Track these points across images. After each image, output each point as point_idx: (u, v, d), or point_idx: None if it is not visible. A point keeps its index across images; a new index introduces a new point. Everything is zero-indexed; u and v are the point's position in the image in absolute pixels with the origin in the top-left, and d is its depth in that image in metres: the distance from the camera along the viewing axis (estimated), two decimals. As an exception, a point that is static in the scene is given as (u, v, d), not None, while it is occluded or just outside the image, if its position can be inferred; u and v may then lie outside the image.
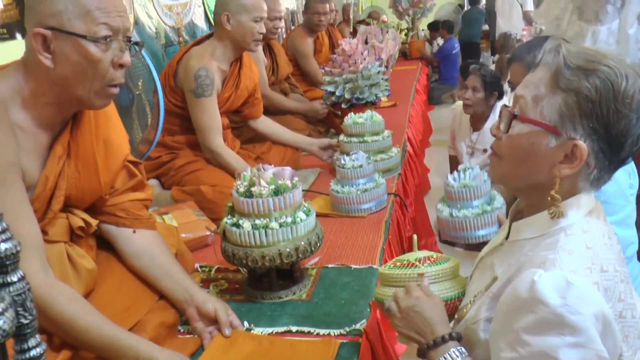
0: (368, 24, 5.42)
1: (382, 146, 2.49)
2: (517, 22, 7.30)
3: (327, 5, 4.08)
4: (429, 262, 1.23)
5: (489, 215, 1.69)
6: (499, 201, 1.74)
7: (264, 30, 2.31)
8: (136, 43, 1.27)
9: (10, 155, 1.14)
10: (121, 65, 1.22)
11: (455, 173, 1.77)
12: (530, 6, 7.23)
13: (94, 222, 1.36)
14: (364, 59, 3.09)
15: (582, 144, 0.92)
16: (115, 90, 1.25)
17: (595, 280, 0.91)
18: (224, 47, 2.30)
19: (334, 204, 2.14)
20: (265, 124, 2.65)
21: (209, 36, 2.39)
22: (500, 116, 1.03)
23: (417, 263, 1.23)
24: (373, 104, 3.11)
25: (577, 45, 0.98)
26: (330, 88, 3.11)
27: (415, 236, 1.38)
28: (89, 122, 1.32)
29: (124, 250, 1.42)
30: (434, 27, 7.98)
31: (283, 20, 4.95)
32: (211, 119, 2.25)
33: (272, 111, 3.22)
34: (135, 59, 1.28)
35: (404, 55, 6.78)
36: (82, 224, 1.32)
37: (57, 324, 1.15)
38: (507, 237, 1.10)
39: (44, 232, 1.25)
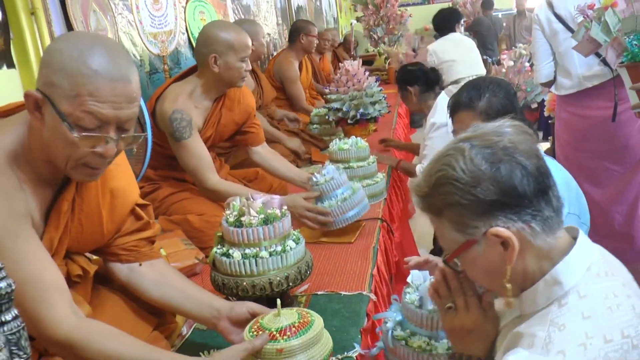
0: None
1: (367, 172, 2.52)
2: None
3: (316, 28, 4.24)
4: (289, 333, 1.19)
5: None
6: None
7: (250, 68, 2.24)
8: (138, 134, 1.19)
9: (21, 207, 1.12)
10: (102, 155, 1.14)
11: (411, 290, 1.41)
12: None
13: (92, 269, 1.34)
14: (367, 78, 3.42)
15: (495, 229, 0.91)
16: (98, 171, 1.19)
17: (592, 358, 0.84)
18: (207, 86, 2.23)
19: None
20: (261, 154, 2.48)
21: (191, 70, 2.32)
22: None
23: (278, 335, 1.19)
24: (375, 120, 3.43)
25: (422, 170, 1.03)
26: (336, 105, 3.39)
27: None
28: None
29: (139, 284, 1.39)
30: None
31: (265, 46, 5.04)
32: (199, 160, 2.16)
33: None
34: (127, 148, 1.20)
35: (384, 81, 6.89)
36: (80, 272, 1.30)
37: None
38: None
39: None
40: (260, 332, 1.21)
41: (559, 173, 1.49)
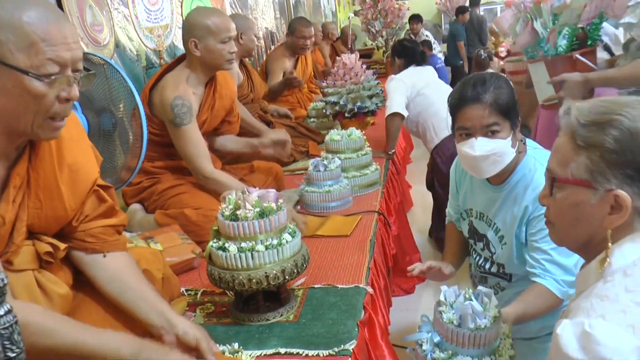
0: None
1: (356, 163, 2.57)
2: None
3: (312, 29, 4.18)
4: None
5: None
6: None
7: (235, 49, 2.27)
8: (89, 72, 1.19)
9: None
10: (68, 100, 1.14)
11: (451, 296, 1.33)
12: None
13: (62, 245, 1.29)
14: (364, 72, 3.44)
15: (622, 193, 0.91)
16: (62, 124, 1.17)
17: (631, 322, 0.84)
18: (196, 72, 2.28)
19: (306, 203, 2.43)
20: (218, 141, 2.55)
21: (179, 59, 2.36)
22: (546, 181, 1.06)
23: None
24: (373, 113, 3.47)
25: (590, 100, 0.99)
26: (334, 98, 3.40)
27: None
28: (50, 148, 1.24)
29: (96, 275, 1.35)
30: None
31: (262, 40, 5.00)
32: (196, 147, 2.21)
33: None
34: (83, 89, 1.18)
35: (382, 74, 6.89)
36: (49, 248, 1.26)
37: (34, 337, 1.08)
38: None
39: (9, 262, 1.20)
40: None
41: None
